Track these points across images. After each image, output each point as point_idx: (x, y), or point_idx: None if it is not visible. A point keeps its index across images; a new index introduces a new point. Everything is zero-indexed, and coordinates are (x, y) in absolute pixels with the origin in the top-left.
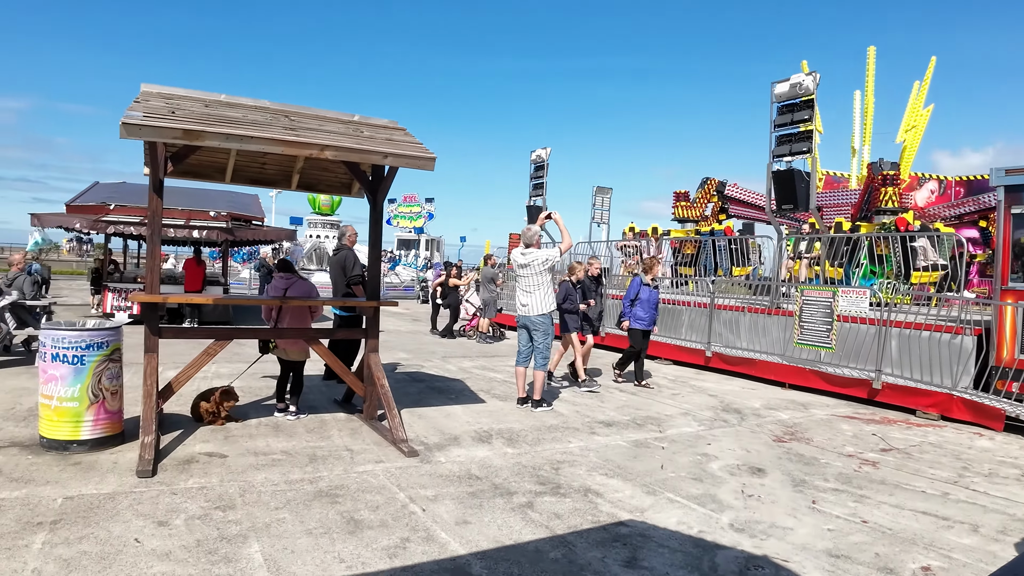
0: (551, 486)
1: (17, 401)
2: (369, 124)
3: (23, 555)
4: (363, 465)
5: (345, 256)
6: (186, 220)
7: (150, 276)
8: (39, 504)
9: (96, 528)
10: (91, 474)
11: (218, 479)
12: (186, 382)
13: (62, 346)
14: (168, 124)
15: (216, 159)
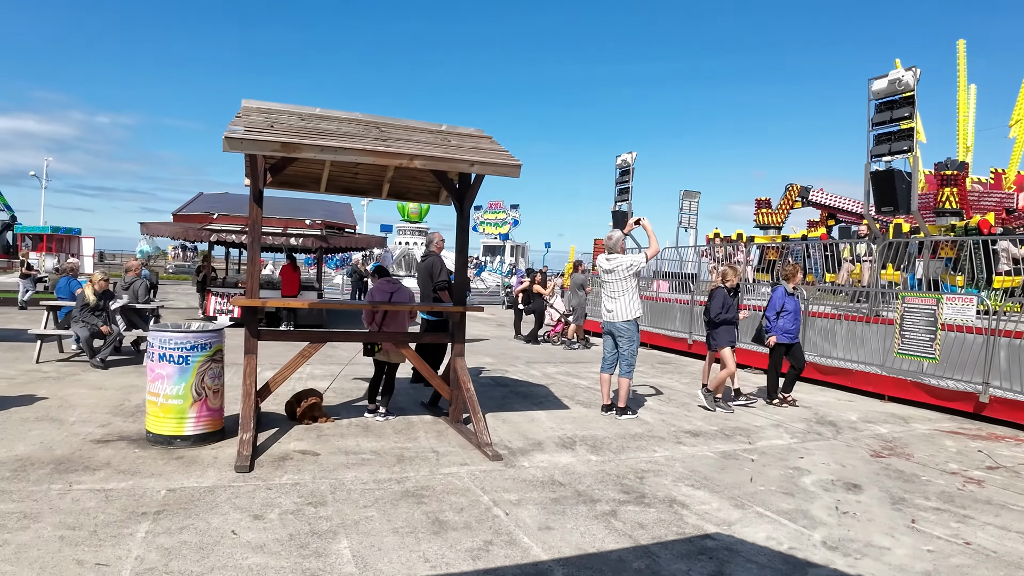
0: (635, 495)
1: (126, 398)
2: (456, 133)
3: (127, 543)
4: (448, 467)
5: (432, 262)
6: (283, 228)
7: (250, 282)
8: (144, 495)
9: (196, 519)
10: (193, 468)
11: (311, 476)
12: (282, 382)
13: (168, 347)
14: (267, 137)
15: (312, 170)
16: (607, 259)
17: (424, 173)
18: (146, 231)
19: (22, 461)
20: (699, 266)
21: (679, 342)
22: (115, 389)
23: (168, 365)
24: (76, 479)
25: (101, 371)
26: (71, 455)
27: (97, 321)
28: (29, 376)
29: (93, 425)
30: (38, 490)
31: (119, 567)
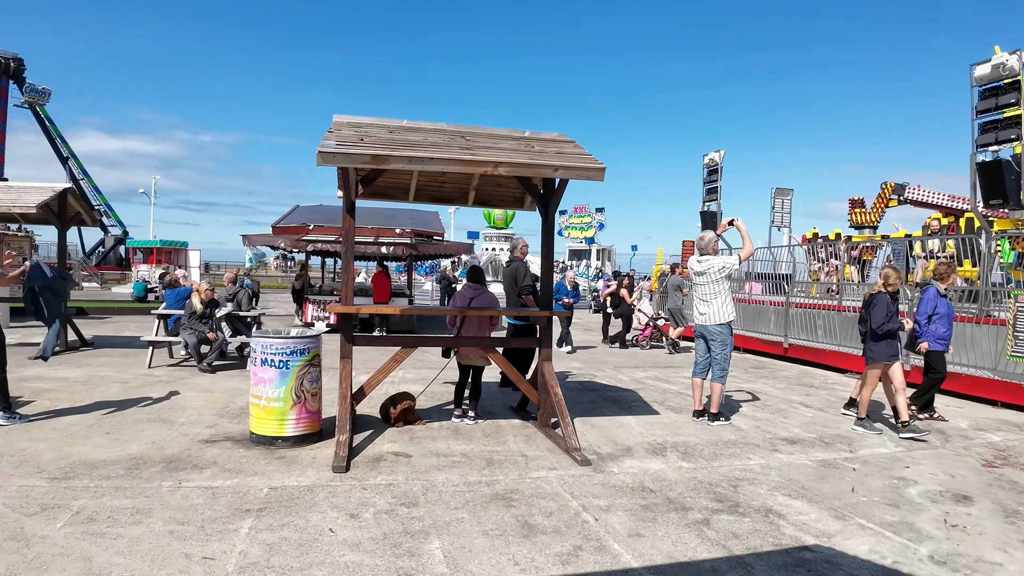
0: (729, 504)
1: (231, 400)
2: (540, 139)
3: (232, 538)
4: (537, 471)
5: (516, 268)
6: (375, 237)
7: (345, 289)
8: (248, 493)
9: (296, 517)
10: (293, 467)
11: (403, 477)
12: (376, 386)
13: (270, 352)
14: (358, 151)
15: (401, 180)
16: (699, 261)
17: (509, 180)
18: (248, 243)
19: (135, 459)
20: (793, 266)
21: (774, 346)
22: (221, 392)
23: (270, 369)
24: (185, 477)
25: (208, 375)
26: (180, 454)
27: (204, 328)
28: (142, 380)
29: (201, 426)
30: (150, 487)
31: (224, 561)
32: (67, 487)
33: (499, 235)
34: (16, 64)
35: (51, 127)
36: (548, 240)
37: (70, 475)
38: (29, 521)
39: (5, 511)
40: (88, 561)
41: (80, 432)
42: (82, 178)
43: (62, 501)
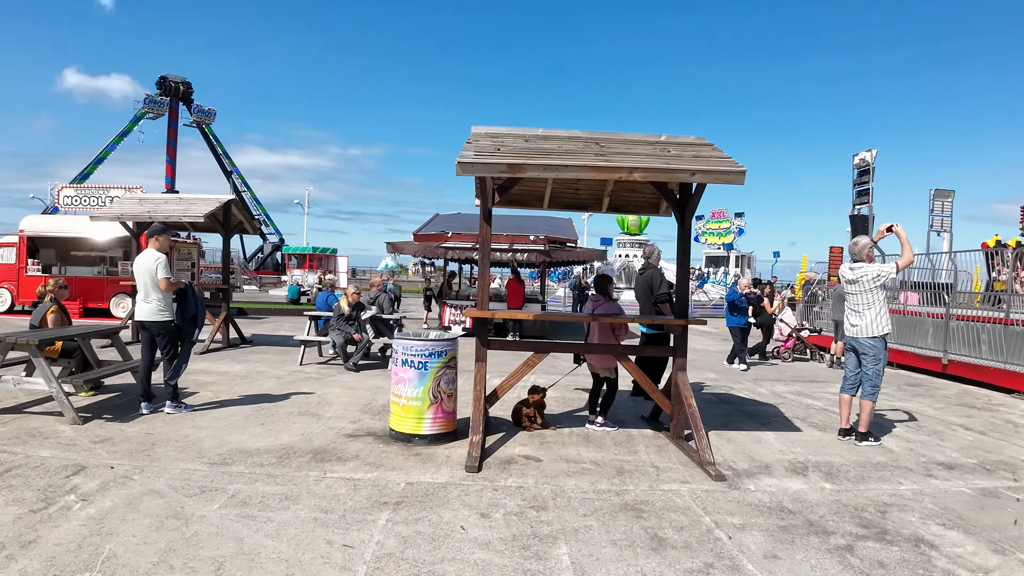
0: (875, 530)
1: (373, 398)
2: (676, 143)
3: (370, 529)
4: (668, 484)
5: (651, 275)
6: (510, 244)
7: (481, 295)
8: (386, 486)
9: (430, 512)
10: (428, 465)
11: (533, 481)
12: (509, 389)
13: (410, 353)
14: (494, 160)
15: (536, 188)
16: (851, 268)
17: (643, 185)
18: (391, 249)
19: (286, 450)
20: (954, 275)
21: (931, 361)
22: (364, 390)
23: (409, 370)
24: (330, 468)
25: (353, 373)
26: (326, 446)
27: (350, 329)
28: (294, 376)
29: (345, 421)
30: (298, 476)
31: (362, 550)
32: (224, 472)
33: (633, 241)
34: (185, 88)
35: (217, 144)
36: (684, 246)
37: (227, 461)
38: (189, 502)
39: (168, 491)
40: (240, 542)
41: (238, 422)
42: (244, 190)
43: (219, 485)
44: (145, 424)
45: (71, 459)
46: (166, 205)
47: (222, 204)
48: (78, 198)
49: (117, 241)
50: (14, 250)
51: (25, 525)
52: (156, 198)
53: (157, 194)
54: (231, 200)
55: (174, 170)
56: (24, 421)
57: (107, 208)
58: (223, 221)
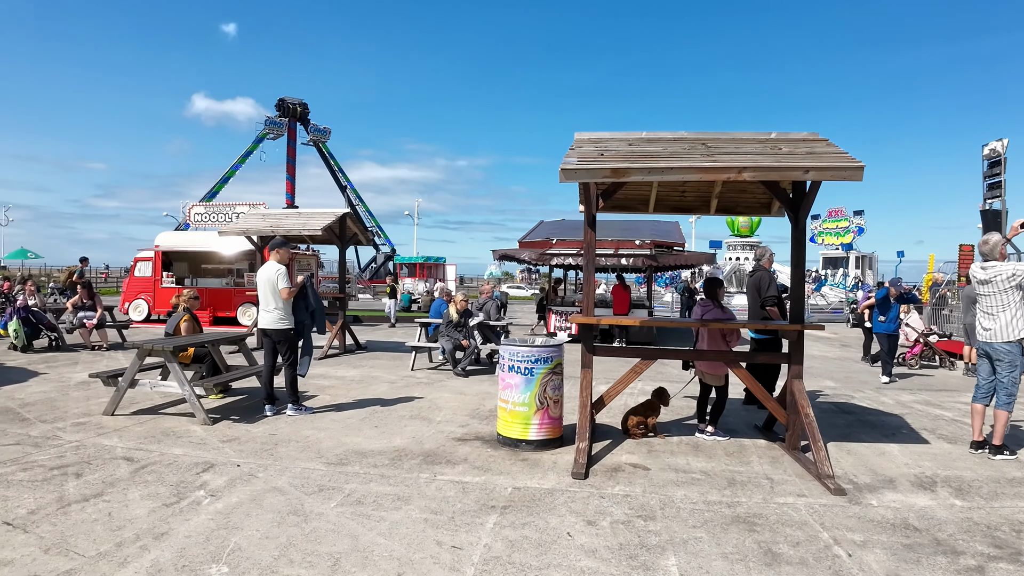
0: (1010, 551)
1: (481, 403)
2: (787, 140)
3: (478, 531)
4: (783, 496)
5: (760, 277)
6: (615, 249)
7: (586, 301)
8: (494, 490)
9: (536, 517)
10: (535, 470)
11: (641, 489)
12: (615, 396)
13: (516, 359)
14: (598, 166)
15: (640, 192)
16: (982, 268)
17: (754, 185)
18: (497, 257)
19: (398, 452)
20: None
21: None
22: (473, 395)
23: (516, 376)
24: (440, 471)
25: (462, 379)
26: (436, 449)
27: (459, 336)
28: (406, 381)
29: (454, 425)
30: (409, 477)
31: (470, 552)
32: (341, 472)
33: (743, 243)
34: (302, 109)
35: (332, 160)
36: (799, 248)
37: (344, 461)
38: (308, 499)
39: (290, 489)
40: (355, 539)
41: (354, 424)
42: (358, 203)
43: (336, 484)
44: (269, 425)
45: (201, 457)
46: (287, 219)
47: (338, 217)
48: (207, 215)
49: (243, 254)
50: (150, 264)
51: (158, 518)
52: (278, 213)
53: (278, 209)
54: (346, 213)
55: (293, 186)
56: (159, 421)
57: (234, 224)
58: (339, 233)
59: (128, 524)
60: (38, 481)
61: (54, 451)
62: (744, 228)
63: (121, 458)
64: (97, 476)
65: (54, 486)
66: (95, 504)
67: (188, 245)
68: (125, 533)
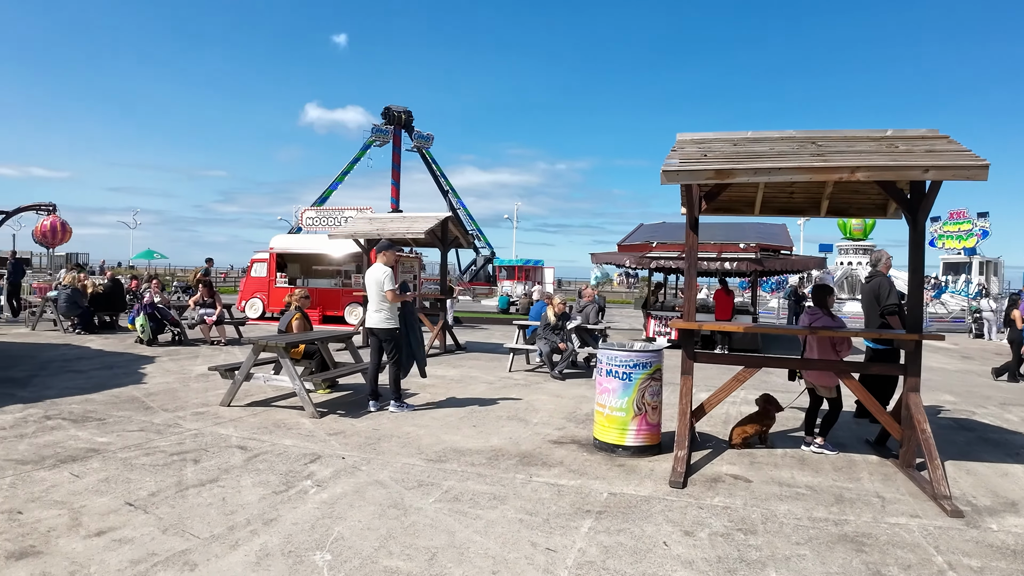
0: None
1: (578, 407)
2: (903, 137)
3: (573, 535)
4: (895, 516)
5: (879, 284)
6: (717, 253)
7: (687, 305)
8: (589, 495)
9: (631, 525)
10: (631, 477)
11: (742, 502)
12: (716, 404)
13: (615, 364)
14: (700, 167)
15: (745, 193)
16: None
17: (867, 185)
18: (595, 260)
19: (495, 451)
20: None
21: None
22: (569, 398)
23: (613, 380)
24: (535, 472)
25: (559, 382)
26: (532, 451)
27: (556, 339)
28: (504, 382)
29: (551, 427)
30: (506, 477)
31: (564, 555)
32: (439, 468)
33: (856, 247)
34: (407, 116)
35: (435, 166)
36: (917, 252)
37: (442, 459)
38: (408, 494)
39: (391, 483)
40: (451, 535)
41: (453, 423)
42: (459, 207)
43: (435, 480)
44: (372, 420)
45: (309, 449)
46: (392, 223)
47: (440, 221)
48: (318, 219)
49: (350, 256)
50: (266, 265)
51: (268, 505)
52: (383, 217)
53: (384, 214)
54: (448, 217)
55: (398, 191)
56: (271, 413)
57: (342, 227)
58: (441, 237)
59: (240, 509)
60: (159, 465)
61: (175, 438)
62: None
63: (235, 447)
64: (213, 463)
65: (173, 471)
66: (210, 489)
67: (300, 247)
68: (237, 518)
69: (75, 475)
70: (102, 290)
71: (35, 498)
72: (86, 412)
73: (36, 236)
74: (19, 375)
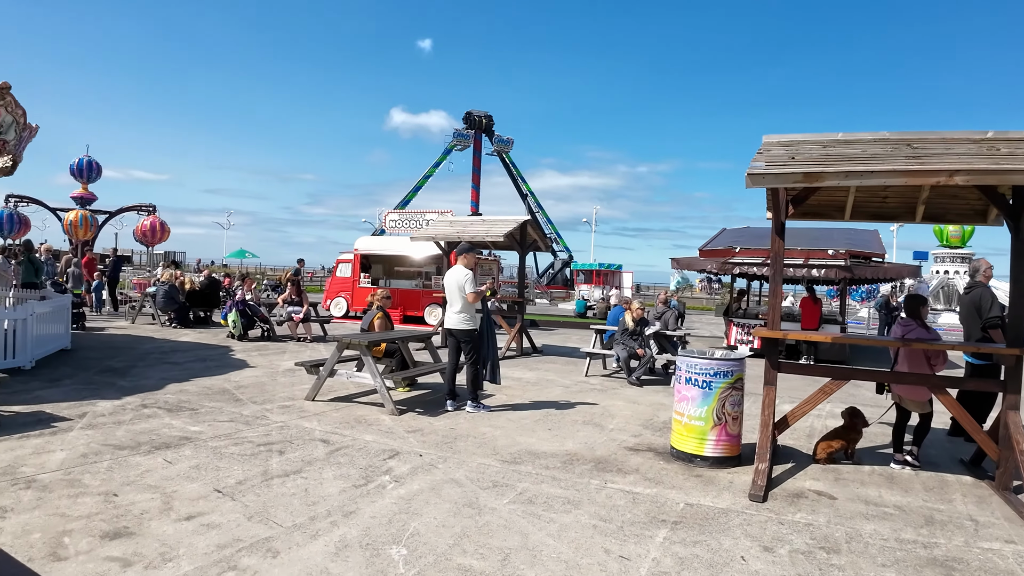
0: None
1: (655, 414)
2: (1007, 139)
3: (647, 544)
4: (988, 541)
5: (980, 295)
6: (804, 259)
7: (772, 313)
8: (665, 504)
9: (708, 537)
10: (709, 488)
11: (825, 519)
12: (800, 417)
13: (694, 371)
14: (788, 170)
15: (835, 197)
16: None
17: (966, 190)
18: (676, 265)
19: (570, 456)
20: None
21: None
22: (646, 405)
23: (693, 388)
24: (610, 478)
25: (636, 388)
26: (608, 457)
27: (634, 344)
28: (580, 386)
29: (627, 434)
30: (580, 482)
31: (638, 564)
32: (514, 470)
33: (954, 255)
34: (487, 121)
35: (514, 169)
36: (1020, 261)
37: (517, 460)
38: (483, 493)
39: (466, 482)
40: (524, 536)
41: (528, 425)
42: (537, 210)
43: (509, 481)
44: (449, 420)
45: (388, 445)
46: (472, 226)
47: (519, 224)
48: (400, 221)
49: (431, 258)
50: (350, 265)
51: (348, 497)
52: (464, 220)
53: (464, 217)
54: (527, 221)
55: (478, 195)
56: (353, 409)
57: (424, 230)
58: (519, 240)
59: (321, 500)
60: (247, 455)
61: (262, 429)
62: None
63: (319, 440)
64: (297, 455)
65: (260, 461)
66: (294, 480)
67: (383, 249)
68: (318, 508)
69: (168, 461)
70: (199, 287)
71: (130, 482)
72: (180, 402)
73: (137, 235)
74: (119, 365)
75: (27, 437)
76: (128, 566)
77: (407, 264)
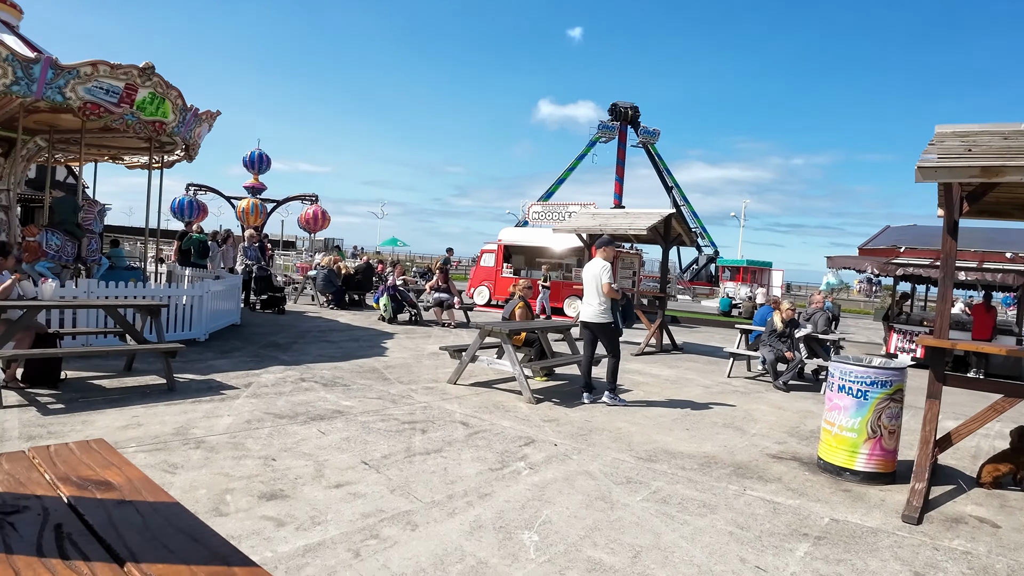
0: None
1: (802, 422)
2: None
3: (786, 557)
4: None
5: None
6: (978, 262)
7: (939, 320)
8: (808, 517)
9: (853, 556)
10: (858, 504)
11: (985, 548)
12: (965, 435)
13: (848, 379)
14: (963, 163)
15: (1016, 195)
16: None
17: None
18: (832, 264)
19: (708, 458)
20: None
21: None
22: (793, 411)
23: (846, 397)
24: (750, 485)
25: (782, 393)
26: (748, 463)
27: (782, 347)
28: (721, 388)
29: (770, 440)
30: (717, 486)
31: None
32: (649, 468)
33: None
34: (633, 112)
35: (660, 162)
36: None
37: (653, 458)
38: (616, 488)
39: (599, 475)
40: (656, 536)
41: (665, 423)
42: (683, 204)
43: (643, 479)
44: (585, 412)
45: (524, 432)
46: (615, 219)
47: (663, 218)
48: (543, 213)
49: (571, 251)
50: (494, 256)
51: (484, 480)
52: (606, 213)
53: (607, 209)
54: (671, 214)
55: (621, 187)
56: (491, 395)
57: (566, 222)
58: (663, 234)
59: (459, 480)
60: (392, 432)
61: (407, 408)
62: None
63: (459, 422)
64: (438, 435)
65: (404, 437)
66: (434, 458)
67: (525, 240)
68: (456, 488)
69: (322, 432)
70: (355, 271)
71: (287, 448)
72: (334, 377)
73: (300, 222)
74: (282, 341)
75: (199, 402)
76: (281, 526)
77: (548, 256)
